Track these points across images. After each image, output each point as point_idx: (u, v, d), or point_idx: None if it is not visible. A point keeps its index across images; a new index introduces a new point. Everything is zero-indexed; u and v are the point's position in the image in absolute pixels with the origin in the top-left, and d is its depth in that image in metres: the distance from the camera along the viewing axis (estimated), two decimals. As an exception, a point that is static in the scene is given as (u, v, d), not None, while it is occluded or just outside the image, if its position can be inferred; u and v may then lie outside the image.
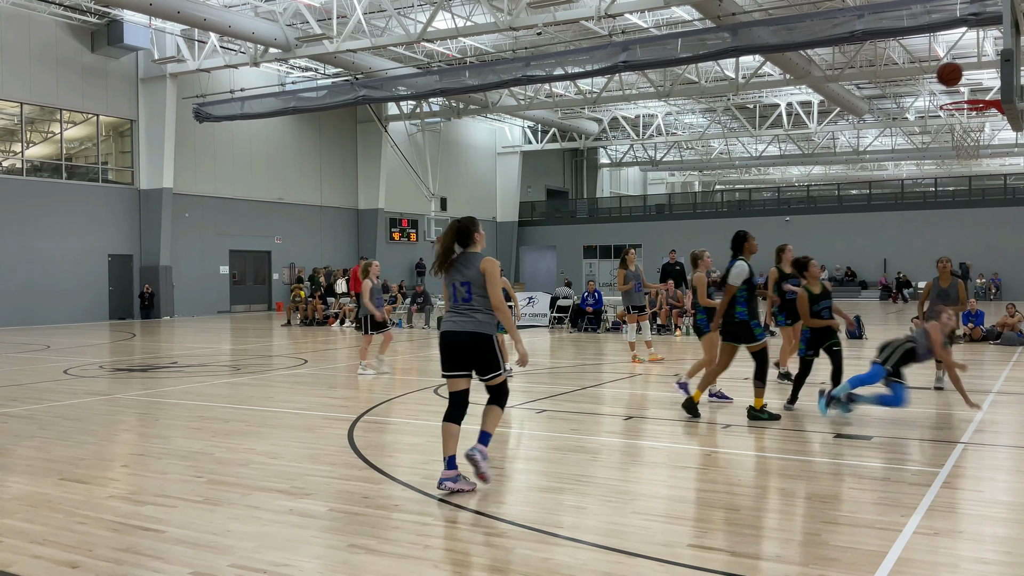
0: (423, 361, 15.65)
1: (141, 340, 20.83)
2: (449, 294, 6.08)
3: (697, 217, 45.89)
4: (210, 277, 31.69)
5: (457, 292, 6.01)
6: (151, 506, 5.81)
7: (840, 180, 55.81)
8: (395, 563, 4.66)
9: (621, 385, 11.80)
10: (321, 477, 6.59)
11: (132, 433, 8.62)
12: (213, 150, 31.62)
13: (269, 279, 34.36)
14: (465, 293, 5.97)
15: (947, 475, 6.42)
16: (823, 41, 18.72)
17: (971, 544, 4.92)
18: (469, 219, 6.16)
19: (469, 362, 6.01)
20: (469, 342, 5.92)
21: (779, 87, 33.77)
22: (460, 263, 6.03)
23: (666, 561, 4.64)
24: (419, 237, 40.09)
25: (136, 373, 13.80)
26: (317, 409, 9.93)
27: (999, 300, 33.81)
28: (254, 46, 26.07)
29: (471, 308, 5.95)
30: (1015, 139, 44.25)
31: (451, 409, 6.14)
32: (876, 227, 41.07)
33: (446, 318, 6.07)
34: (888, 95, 39.12)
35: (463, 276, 5.98)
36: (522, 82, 22.25)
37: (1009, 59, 9.40)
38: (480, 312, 5.95)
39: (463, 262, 6.02)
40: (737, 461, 7.13)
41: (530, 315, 23.51)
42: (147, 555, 4.84)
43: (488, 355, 5.98)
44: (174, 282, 29.77)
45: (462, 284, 5.98)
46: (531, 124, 45.36)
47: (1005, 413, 9.20)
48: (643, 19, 26.56)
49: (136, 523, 5.43)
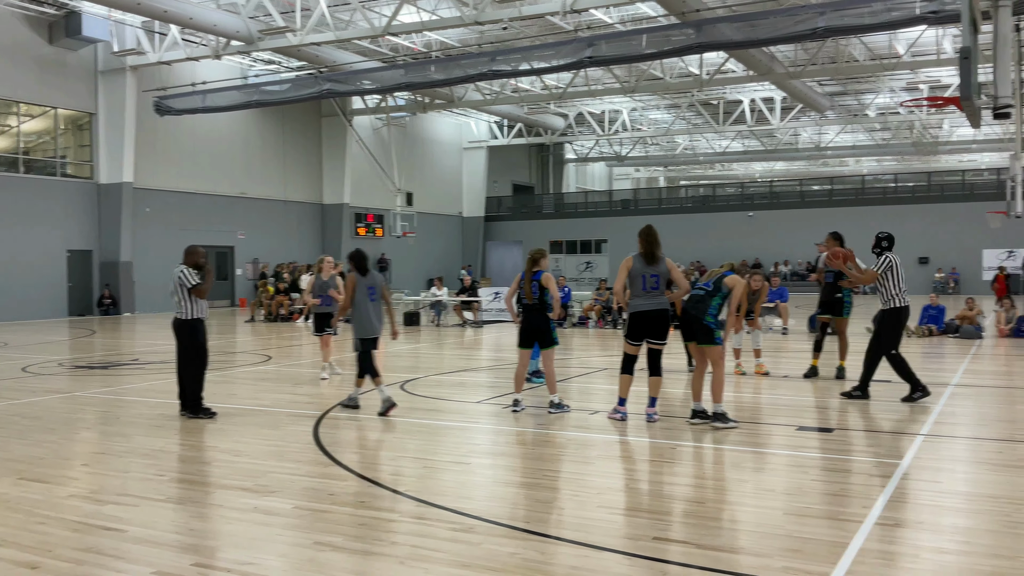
0: (388, 357, 15.60)
1: (101, 337, 20.53)
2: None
3: (662, 212, 46.12)
4: (172, 273, 31.20)
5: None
6: (112, 505, 5.73)
7: (802, 176, 56.42)
8: (361, 560, 4.64)
9: (588, 380, 11.85)
10: (286, 474, 6.54)
11: (93, 431, 8.49)
12: (174, 144, 31.18)
13: (232, 275, 34.00)
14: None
15: (907, 467, 6.53)
16: (786, 38, 18.90)
17: (931, 534, 5.01)
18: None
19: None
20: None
21: (742, 83, 34.04)
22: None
23: (631, 554, 4.67)
24: (385, 232, 39.91)
25: (96, 370, 13.60)
26: (281, 406, 9.86)
27: (957, 294, 34.41)
28: (216, 38, 25.74)
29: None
30: (973, 135, 45.03)
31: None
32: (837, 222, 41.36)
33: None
34: (849, 92, 39.60)
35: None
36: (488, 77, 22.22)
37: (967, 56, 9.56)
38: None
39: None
40: (701, 455, 7.20)
41: (496, 310, 23.50)
42: (108, 555, 4.78)
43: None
44: (135, 278, 29.35)
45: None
46: (497, 119, 45.31)
47: (963, 405, 9.37)
48: (608, 15, 26.62)
49: (97, 522, 5.35)
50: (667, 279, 8.44)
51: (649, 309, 8.35)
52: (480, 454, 7.37)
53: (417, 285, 39.34)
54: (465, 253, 47.05)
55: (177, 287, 9.11)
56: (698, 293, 8.55)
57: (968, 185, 42.62)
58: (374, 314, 9.32)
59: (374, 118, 37.12)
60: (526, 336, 9.19)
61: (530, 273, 9.13)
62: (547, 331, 9.04)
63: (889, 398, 9.81)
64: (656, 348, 8.47)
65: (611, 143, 51.97)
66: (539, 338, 9.10)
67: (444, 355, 15.81)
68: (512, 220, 48.67)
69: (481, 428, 8.49)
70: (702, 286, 8.60)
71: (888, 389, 10.51)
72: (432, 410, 9.57)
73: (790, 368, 12.57)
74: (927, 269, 39.59)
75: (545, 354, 9.14)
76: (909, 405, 9.22)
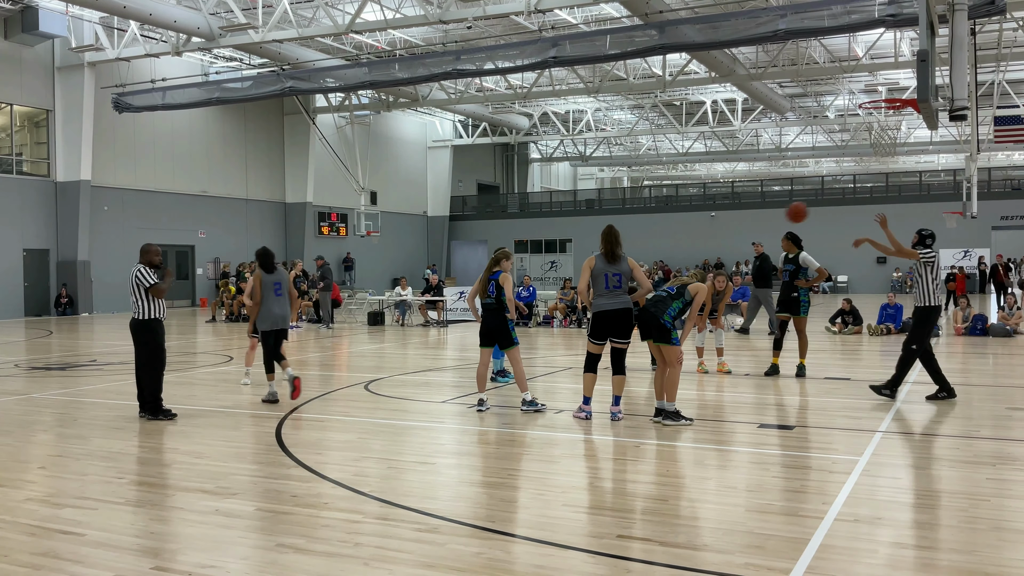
0: (353, 358, 15.51)
1: (58, 337, 20.17)
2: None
3: (626, 212, 46.40)
4: (129, 273, 30.75)
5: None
6: (70, 508, 5.63)
7: (763, 176, 57.05)
8: (325, 562, 4.61)
9: (552, 379, 11.87)
10: (247, 476, 6.47)
11: (50, 433, 8.33)
12: (134, 141, 30.74)
13: (193, 274, 33.58)
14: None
15: (866, 463, 6.62)
16: (747, 40, 19.09)
17: (890, 530, 5.08)
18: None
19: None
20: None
21: (705, 85, 34.33)
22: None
23: (595, 552, 4.69)
24: (349, 231, 39.67)
25: (53, 372, 13.36)
26: (243, 407, 9.76)
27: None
28: (176, 35, 25.41)
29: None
30: (930, 137, 45.83)
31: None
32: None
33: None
34: (809, 93, 40.11)
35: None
36: (452, 76, 22.16)
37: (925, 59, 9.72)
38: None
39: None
40: (664, 453, 7.24)
41: (461, 310, 23.47)
42: (66, 559, 4.69)
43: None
44: (92, 277, 28.88)
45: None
46: (462, 118, 45.25)
47: (921, 402, 9.53)
48: (572, 15, 26.71)
49: (54, 526, 5.26)
50: (629, 278, 8.52)
51: (612, 308, 8.41)
52: (445, 454, 7.35)
53: (382, 285, 39.16)
54: (430, 252, 46.92)
55: (134, 287, 8.98)
56: (660, 295, 8.64)
57: (925, 186, 43.43)
58: (278, 308, 9.91)
59: (337, 116, 36.86)
60: (485, 336, 9.23)
61: (489, 273, 9.17)
62: (505, 331, 9.05)
63: (848, 395, 9.96)
64: (620, 347, 8.53)
65: (575, 143, 52.14)
66: (497, 338, 9.12)
67: (409, 355, 15.75)
68: (477, 219, 48.63)
69: (446, 428, 8.47)
70: (666, 289, 8.69)
71: (848, 387, 10.67)
72: (397, 410, 9.53)
73: (752, 367, 12.70)
74: (885, 268, 40.28)
75: (509, 354, 9.14)
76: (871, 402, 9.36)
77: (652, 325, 8.48)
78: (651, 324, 8.49)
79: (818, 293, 38.72)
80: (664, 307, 8.48)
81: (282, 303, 9.93)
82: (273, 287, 9.89)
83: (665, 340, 8.42)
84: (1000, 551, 4.69)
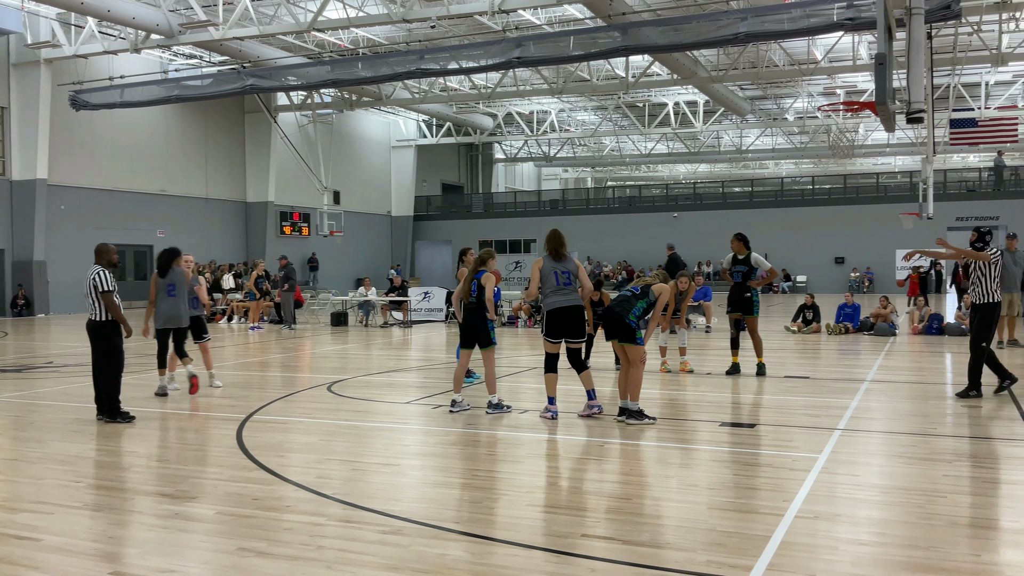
0: (316, 359, 15.40)
1: (14, 339, 19.78)
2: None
3: (590, 212, 46.59)
4: (87, 274, 30.22)
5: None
6: (26, 513, 5.53)
7: (724, 178, 57.62)
8: (287, 565, 4.57)
9: (517, 379, 11.88)
10: (208, 479, 6.40)
11: (5, 437, 8.16)
12: (91, 139, 30.22)
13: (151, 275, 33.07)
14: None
15: (825, 461, 6.71)
16: (709, 42, 19.22)
17: (849, 527, 5.16)
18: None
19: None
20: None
21: (667, 87, 34.56)
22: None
23: (560, 552, 4.70)
24: (312, 231, 39.34)
25: (9, 373, 13.10)
26: (204, 409, 9.64)
27: (872, 292, 35.57)
28: (135, 31, 25.01)
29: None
30: (887, 139, 46.59)
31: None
32: (758, 223, 42.54)
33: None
34: (769, 96, 40.57)
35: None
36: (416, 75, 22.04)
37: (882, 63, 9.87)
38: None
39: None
40: (628, 452, 7.28)
41: (426, 310, 23.40)
42: (22, 565, 4.60)
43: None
44: (49, 278, 28.35)
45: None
46: (426, 118, 45.09)
47: (877, 400, 9.68)
48: (536, 16, 26.75)
49: (10, 532, 5.15)
50: (576, 276, 8.70)
51: (564, 305, 8.59)
52: (409, 455, 7.32)
53: (345, 285, 38.91)
54: (394, 252, 46.71)
55: (91, 289, 8.86)
56: (625, 295, 8.71)
57: (882, 187, 44.13)
58: (167, 307, 10.42)
59: (300, 115, 36.57)
60: (465, 336, 9.22)
61: (473, 273, 9.19)
62: (484, 331, 9.05)
63: (807, 393, 10.09)
64: (575, 347, 8.65)
65: (539, 143, 52.22)
66: (476, 338, 9.11)
67: (372, 355, 15.67)
68: (441, 220, 48.52)
69: (410, 429, 8.44)
70: (630, 289, 8.76)
71: (807, 385, 10.80)
72: (360, 411, 9.48)
73: (713, 366, 12.82)
74: (843, 268, 40.85)
75: (485, 355, 9.13)
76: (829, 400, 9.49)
77: (617, 325, 8.54)
78: (616, 324, 8.55)
79: (777, 293, 39.17)
80: (629, 307, 8.54)
81: (174, 303, 10.42)
82: (167, 288, 10.42)
83: (630, 340, 8.49)
84: (957, 547, 4.78)
